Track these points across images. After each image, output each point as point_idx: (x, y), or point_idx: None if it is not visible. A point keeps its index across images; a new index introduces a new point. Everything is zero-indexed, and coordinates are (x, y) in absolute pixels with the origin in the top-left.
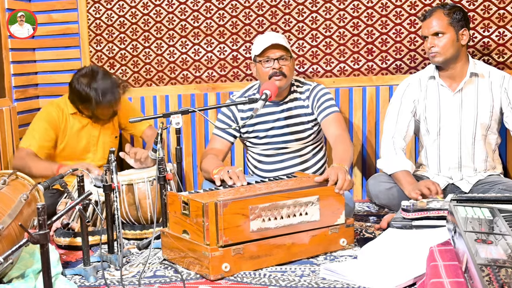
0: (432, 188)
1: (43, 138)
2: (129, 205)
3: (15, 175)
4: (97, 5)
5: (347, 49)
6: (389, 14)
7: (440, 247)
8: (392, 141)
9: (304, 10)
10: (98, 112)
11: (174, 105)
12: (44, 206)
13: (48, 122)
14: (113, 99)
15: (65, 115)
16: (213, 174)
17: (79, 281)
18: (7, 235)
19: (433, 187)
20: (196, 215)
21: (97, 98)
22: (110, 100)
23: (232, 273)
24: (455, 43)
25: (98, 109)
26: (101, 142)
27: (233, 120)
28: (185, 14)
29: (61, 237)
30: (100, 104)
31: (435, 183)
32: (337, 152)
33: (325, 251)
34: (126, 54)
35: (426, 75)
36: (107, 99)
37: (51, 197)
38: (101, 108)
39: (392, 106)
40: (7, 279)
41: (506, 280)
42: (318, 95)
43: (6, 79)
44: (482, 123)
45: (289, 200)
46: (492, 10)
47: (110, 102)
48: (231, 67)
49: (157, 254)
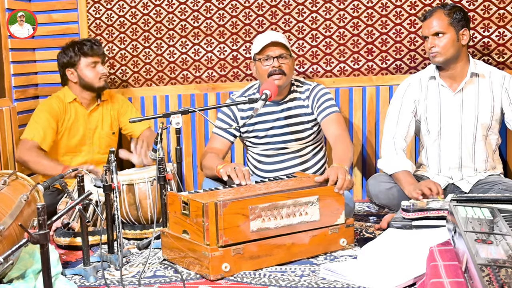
0: (433, 188)
1: (46, 129)
2: (130, 205)
3: (15, 175)
4: (97, 5)
5: (347, 49)
6: (389, 14)
7: (440, 247)
8: (393, 141)
9: (304, 10)
10: (82, 67)
11: (174, 105)
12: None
13: (49, 112)
14: (90, 43)
15: (64, 105)
16: (218, 170)
17: (79, 281)
18: (8, 236)
19: (434, 187)
20: (196, 215)
21: (76, 47)
22: (87, 44)
23: (232, 273)
24: (455, 43)
25: (80, 59)
26: (97, 135)
27: (233, 120)
28: (185, 14)
29: (61, 237)
30: (79, 50)
31: (436, 184)
32: (337, 152)
33: (325, 251)
34: (126, 54)
35: (426, 75)
36: (85, 44)
37: (50, 195)
38: (81, 55)
39: (393, 106)
40: (7, 279)
41: (506, 280)
42: (318, 95)
43: (6, 79)
44: (482, 123)
45: (289, 200)
46: (492, 10)
47: (87, 45)
48: (231, 67)
49: (157, 254)
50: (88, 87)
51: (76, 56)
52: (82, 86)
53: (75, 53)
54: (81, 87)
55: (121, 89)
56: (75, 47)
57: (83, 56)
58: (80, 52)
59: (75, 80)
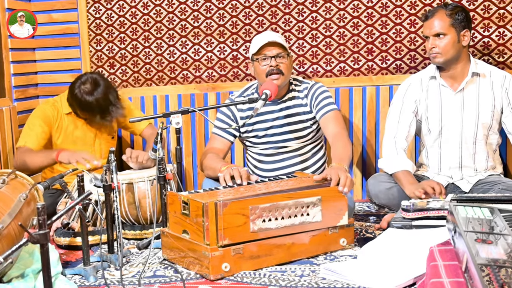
0: (436, 188)
1: (39, 135)
2: (129, 204)
3: (14, 174)
4: (97, 5)
5: (347, 49)
6: (389, 14)
7: (440, 247)
8: (393, 141)
9: (304, 10)
10: (97, 119)
11: (174, 105)
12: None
13: (42, 119)
14: (113, 112)
15: (60, 114)
16: (222, 171)
17: (79, 281)
18: (6, 235)
19: (437, 187)
20: (196, 215)
21: (98, 110)
22: (111, 112)
23: (232, 273)
24: (456, 44)
25: (97, 118)
26: (97, 142)
27: (233, 120)
28: (185, 14)
29: (61, 237)
30: (100, 114)
31: (439, 184)
32: (336, 150)
33: (325, 251)
34: (126, 54)
35: (427, 75)
36: (108, 111)
37: (51, 196)
38: (100, 118)
39: (394, 106)
40: (7, 278)
41: (506, 280)
42: (316, 93)
43: (6, 79)
44: (483, 123)
45: (290, 201)
46: (492, 10)
47: (111, 114)
48: (231, 67)
49: (157, 254)
50: (94, 124)
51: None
52: (89, 123)
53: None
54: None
55: (121, 89)
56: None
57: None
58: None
59: (84, 117)
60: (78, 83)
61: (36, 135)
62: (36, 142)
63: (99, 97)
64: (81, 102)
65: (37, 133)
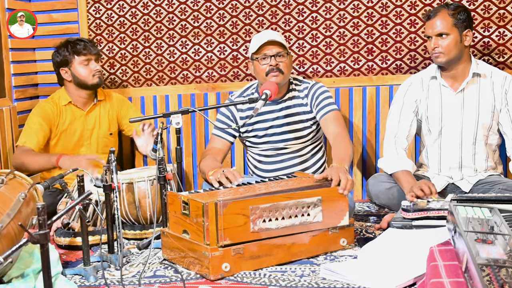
0: (425, 189)
1: (39, 134)
2: (129, 204)
3: (13, 174)
4: (97, 5)
5: (347, 49)
6: (389, 14)
7: (440, 247)
8: (394, 141)
9: (304, 10)
10: (76, 65)
11: (174, 105)
12: (44, 206)
13: (42, 117)
14: (84, 42)
15: (59, 108)
16: (209, 176)
17: (79, 281)
18: (6, 234)
19: (426, 188)
20: (196, 215)
21: (69, 46)
22: (81, 43)
23: (232, 273)
24: (458, 44)
25: (74, 58)
26: (95, 136)
27: (232, 120)
28: (185, 14)
29: (61, 237)
30: (72, 49)
31: (428, 184)
32: (336, 150)
33: (325, 251)
34: (126, 54)
35: (428, 75)
36: (78, 43)
37: (50, 195)
38: (75, 54)
39: (394, 106)
40: (7, 278)
41: (506, 280)
42: (316, 93)
43: (6, 79)
44: (483, 124)
45: (290, 201)
46: (492, 10)
47: (81, 44)
48: (231, 67)
49: (157, 254)
50: (82, 85)
51: (70, 55)
52: (77, 84)
53: (68, 52)
54: (76, 86)
55: (121, 89)
56: (68, 46)
57: (76, 55)
58: (73, 51)
59: (69, 79)
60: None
61: (36, 134)
62: (36, 141)
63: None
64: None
65: (37, 132)
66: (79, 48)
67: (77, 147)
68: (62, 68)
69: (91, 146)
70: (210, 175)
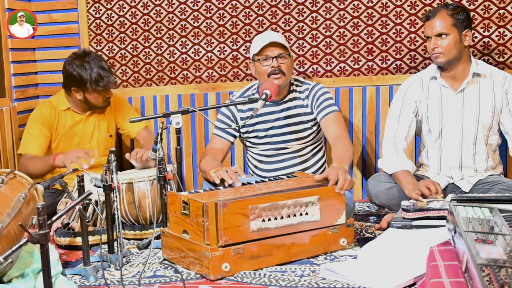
0: (431, 187)
1: (40, 139)
2: (129, 204)
3: (13, 174)
4: (97, 5)
5: (347, 49)
6: (389, 14)
7: (440, 247)
8: (393, 141)
9: (304, 10)
10: (91, 93)
11: (174, 105)
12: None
13: (41, 122)
14: (106, 79)
15: (58, 112)
16: (210, 175)
17: (79, 281)
18: (6, 234)
19: (432, 187)
20: (196, 215)
21: (90, 76)
22: (103, 79)
23: (232, 273)
24: (458, 44)
25: (91, 89)
26: (95, 139)
27: (233, 120)
28: (185, 14)
29: (61, 237)
30: (93, 82)
31: (435, 183)
32: (336, 151)
33: (325, 251)
34: (126, 54)
35: (427, 75)
36: (100, 78)
37: (50, 196)
38: (93, 88)
39: (394, 106)
40: (7, 278)
41: (506, 280)
42: (317, 94)
43: (6, 79)
44: (483, 124)
45: (289, 200)
46: (492, 10)
47: (103, 81)
48: (231, 67)
49: (157, 254)
50: (91, 105)
51: (89, 84)
52: (85, 103)
53: (88, 83)
54: (84, 103)
55: (121, 89)
56: (90, 76)
57: (95, 88)
58: (92, 85)
59: (79, 98)
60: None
61: (37, 140)
62: (37, 147)
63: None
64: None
65: (37, 137)
66: (100, 85)
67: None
68: (75, 88)
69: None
70: (211, 172)
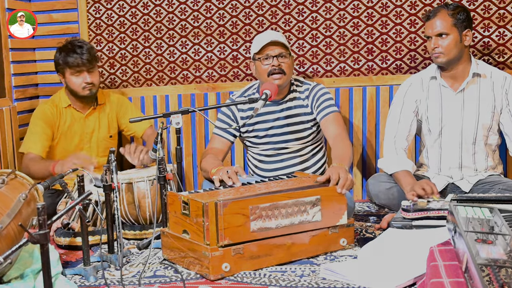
0: (427, 188)
1: (42, 137)
2: (128, 204)
3: (13, 174)
4: (97, 5)
5: (347, 49)
6: (389, 14)
7: (440, 247)
8: (393, 141)
9: (304, 10)
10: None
11: (174, 105)
12: (44, 206)
13: (43, 120)
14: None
15: (59, 110)
16: (212, 174)
17: (79, 281)
18: (6, 235)
19: (428, 188)
20: (196, 215)
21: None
22: (74, 54)
23: (232, 273)
24: (458, 44)
25: (66, 69)
26: (94, 139)
27: (233, 120)
28: (185, 14)
29: (61, 237)
30: (64, 60)
31: (430, 183)
32: (336, 151)
33: (325, 251)
34: (126, 54)
35: (427, 75)
36: (71, 54)
37: (50, 197)
38: (67, 66)
39: (394, 106)
40: (7, 278)
41: (506, 280)
42: (317, 94)
43: (6, 79)
44: (483, 124)
45: (290, 200)
46: (492, 10)
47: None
48: (231, 67)
49: (157, 254)
50: (74, 94)
51: (62, 64)
52: (70, 91)
53: (61, 61)
54: (70, 92)
55: (121, 89)
56: (62, 53)
57: (67, 66)
58: (64, 61)
59: (64, 85)
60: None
61: (39, 139)
62: (39, 146)
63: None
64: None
65: (39, 136)
66: (70, 60)
67: (78, 150)
68: (58, 73)
69: (91, 149)
70: (213, 173)
